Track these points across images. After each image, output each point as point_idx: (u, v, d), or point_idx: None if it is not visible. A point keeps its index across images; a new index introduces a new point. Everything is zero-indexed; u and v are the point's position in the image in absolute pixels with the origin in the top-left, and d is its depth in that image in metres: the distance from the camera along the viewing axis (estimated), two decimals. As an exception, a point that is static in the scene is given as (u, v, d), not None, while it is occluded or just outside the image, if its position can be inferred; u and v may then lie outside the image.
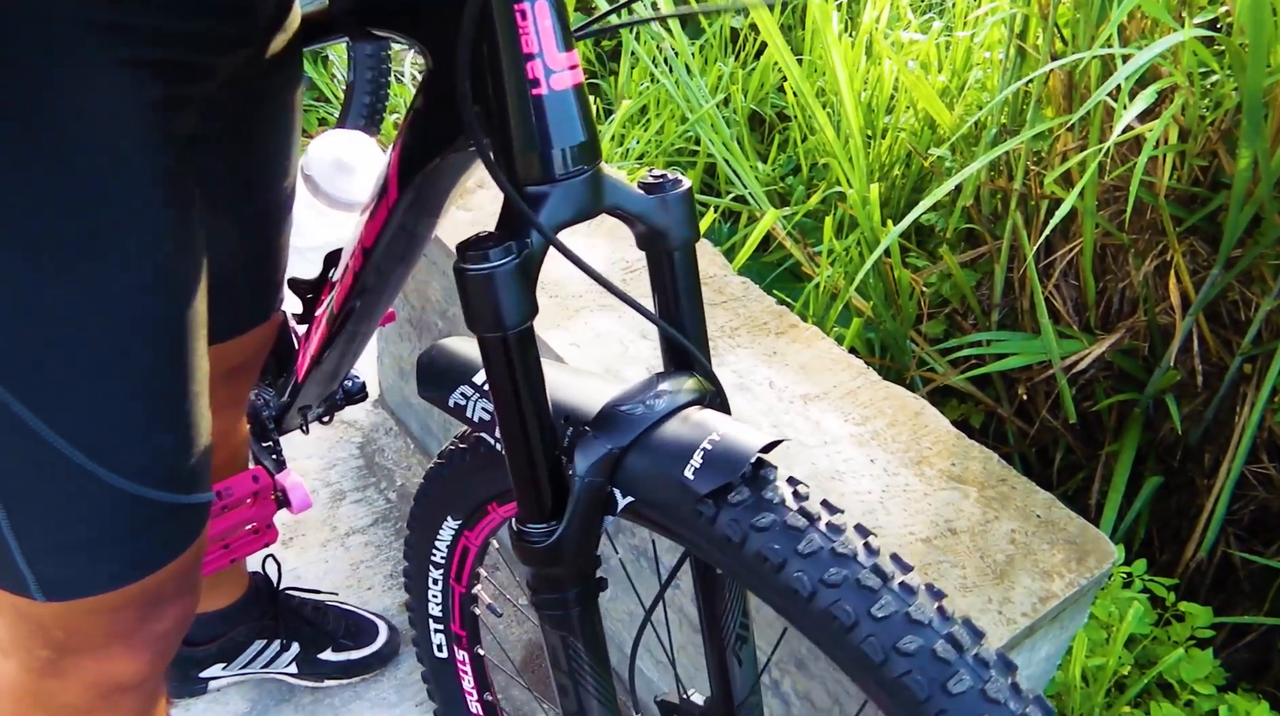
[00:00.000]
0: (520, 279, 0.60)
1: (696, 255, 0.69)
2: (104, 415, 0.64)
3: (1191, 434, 1.59)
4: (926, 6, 2.79)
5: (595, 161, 0.62)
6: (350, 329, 0.95)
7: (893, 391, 1.19)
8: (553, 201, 0.60)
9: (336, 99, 2.74)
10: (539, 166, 0.60)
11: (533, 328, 0.63)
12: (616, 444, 0.64)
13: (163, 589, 0.72)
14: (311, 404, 1.19)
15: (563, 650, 0.74)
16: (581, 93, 0.60)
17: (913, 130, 2.25)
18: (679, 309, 0.70)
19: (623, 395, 0.67)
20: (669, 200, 0.66)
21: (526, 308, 0.61)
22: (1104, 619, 1.33)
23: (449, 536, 0.95)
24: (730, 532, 0.59)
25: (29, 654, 0.73)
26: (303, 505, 1.16)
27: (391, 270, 0.87)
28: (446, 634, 1.04)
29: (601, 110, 2.61)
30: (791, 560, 0.57)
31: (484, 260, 0.59)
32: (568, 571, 0.70)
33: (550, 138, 0.59)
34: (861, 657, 0.55)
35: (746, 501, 0.60)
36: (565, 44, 0.58)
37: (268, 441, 1.24)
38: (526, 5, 0.56)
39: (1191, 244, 1.55)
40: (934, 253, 2.03)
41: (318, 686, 1.36)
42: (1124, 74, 1.29)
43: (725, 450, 0.60)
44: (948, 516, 1.03)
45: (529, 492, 0.67)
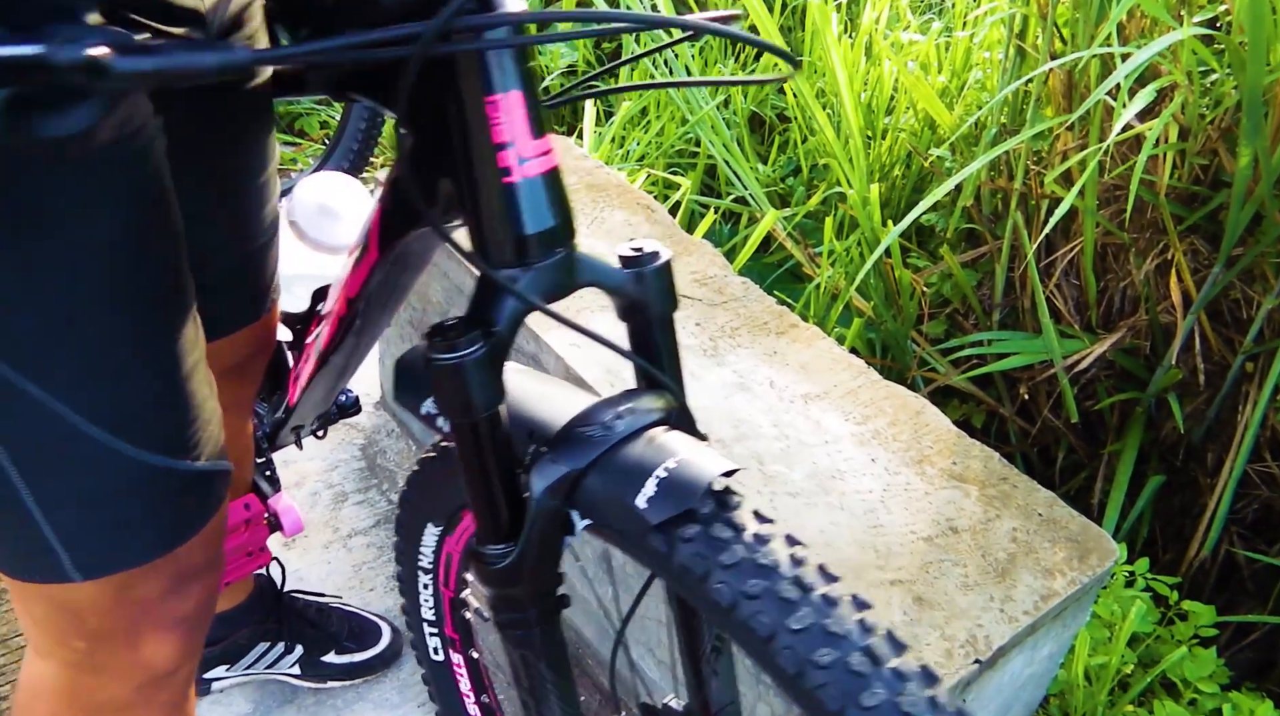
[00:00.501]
0: (489, 366, 0.61)
1: (674, 324, 0.70)
2: (114, 389, 0.66)
3: (1194, 432, 1.59)
4: (926, 7, 2.79)
5: (568, 243, 0.62)
6: (338, 362, 0.96)
7: (893, 390, 1.19)
8: (524, 284, 0.61)
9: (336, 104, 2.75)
10: (511, 251, 0.60)
11: (499, 411, 0.63)
12: (573, 466, 0.63)
13: (190, 562, 0.74)
14: (304, 423, 1.20)
15: (524, 669, 0.73)
16: (555, 178, 0.60)
17: (913, 130, 2.25)
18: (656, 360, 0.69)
19: (586, 413, 0.66)
20: (646, 275, 0.66)
21: (494, 393, 0.62)
22: (1107, 617, 1.32)
23: (433, 542, 0.95)
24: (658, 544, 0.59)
25: (66, 647, 0.75)
26: (294, 529, 1.18)
27: (376, 315, 0.88)
28: (441, 637, 1.05)
29: (602, 112, 2.61)
30: (714, 572, 0.57)
31: (452, 350, 0.59)
32: (527, 592, 0.69)
33: (522, 224, 0.60)
34: (779, 669, 0.55)
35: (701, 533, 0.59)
36: (538, 131, 0.59)
37: (261, 459, 1.24)
38: (499, 97, 0.57)
39: (1192, 242, 1.55)
40: (935, 253, 2.03)
41: (321, 688, 1.36)
42: (1123, 72, 1.29)
43: (679, 479, 0.60)
44: (949, 515, 1.03)
45: (485, 514, 0.67)
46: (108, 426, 0.66)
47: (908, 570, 0.97)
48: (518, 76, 0.57)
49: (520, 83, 0.58)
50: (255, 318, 0.99)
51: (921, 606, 0.93)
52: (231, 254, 0.92)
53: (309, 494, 1.68)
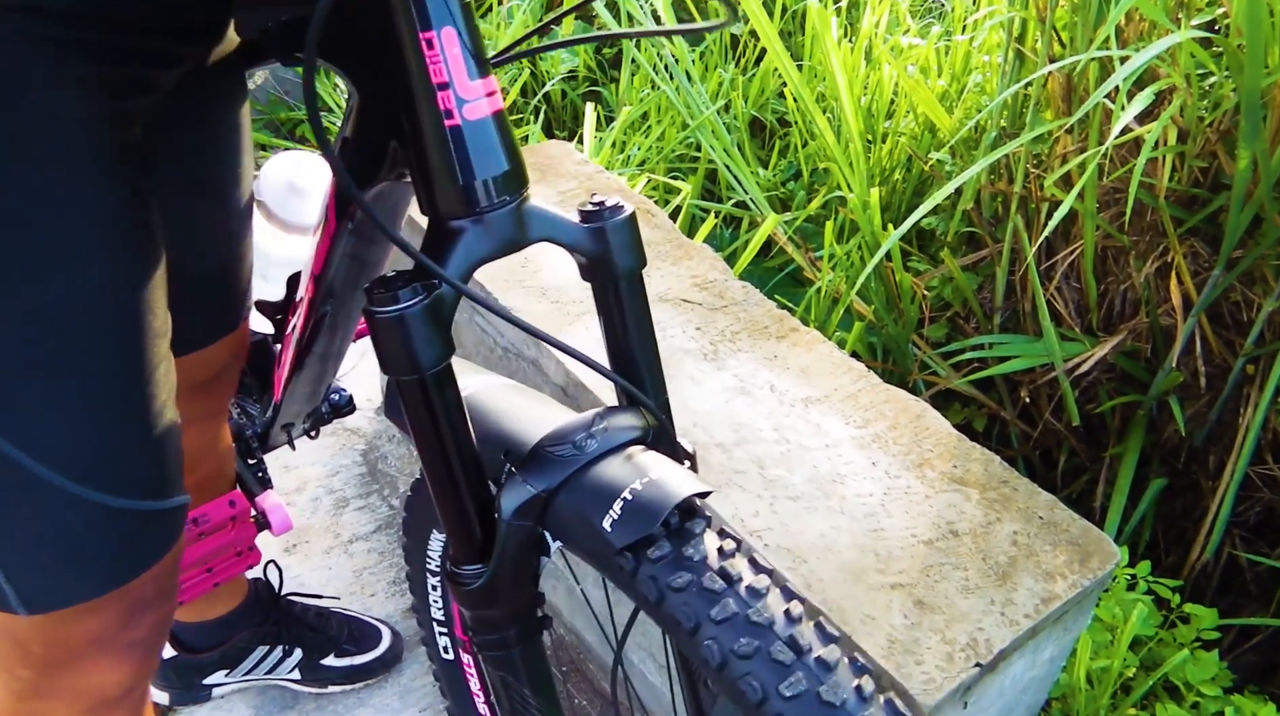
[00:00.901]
0: (432, 319, 0.58)
1: (643, 283, 0.66)
2: (72, 431, 0.64)
3: (1195, 435, 1.59)
4: (925, 11, 2.79)
5: (520, 192, 0.59)
6: (319, 349, 0.93)
7: (894, 394, 1.19)
8: (472, 236, 0.58)
9: (339, 108, 2.75)
10: (458, 200, 0.58)
11: (450, 367, 0.60)
12: (544, 487, 0.61)
13: (142, 594, 0.72)
14: (295, 421, 1.19)
15: (504, 691, 0.72)
16: (501, 120, 0.58)
17: (913, 134, 2.25)
18: (627, 340, 0.67)
19: (558, 431, 0.64)
20: (608, 229, 0.63)
21: (441, 348, 0.59)
22: (1108, 621, 1.32)
23: (439, 546, 0.95)
24: (647, 591, 0.57)
25: (11, 675, 0.73)
26: (283, 527, 1.16)
27: (347, 295, 0.85)
28: (450, 637, 1.05)
29: (603, 117, 2.61)
30: (705, 626, 0.54)
31: (393, 302, 0.57)
32: (504, 612, 0.67)
33: (471, 169, 0.57)
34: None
35: (666, 557, 0.57)
36: (480, 71, 0.56)
37: (252, 459, 1.23)
38: (434, 34, 0.55)
39: (1192, 245, 1.55)
40: (935, 256, 2.03)
41: (321, 692, 1.36)
42: (1122, 75, 1.29)
43: (646, 500, 0.58)
44: (949, 518, 1.03)
45: (457, 533, 0.65)
46: (67, 473, 0.64)
47: (908, 573, 0.97)
48: (452, 12, 0.55)
49: (456, 19, 0.55)
50: (232, 327, 0.98)
51: (922, 610, 0.93)
52: (209, 265, 0.91)
53: (310, 499, 1.68)
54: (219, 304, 0.96)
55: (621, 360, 0.67)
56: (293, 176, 1.11)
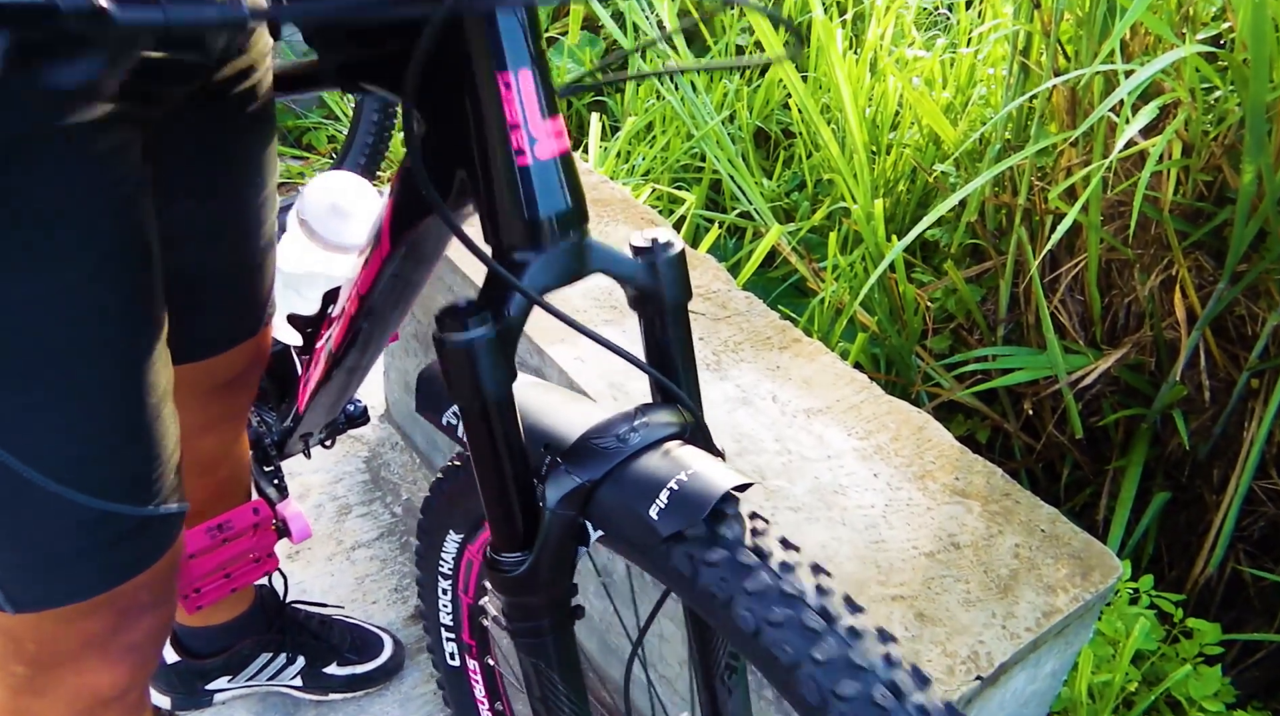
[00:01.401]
0: (499, 348, 0.60)
1: (688, 314, 0.69)
2: (60, 434, 0.64)
3: (1199, 449, 1.59)
4: (931, 24, 2.80)
5: (581, 227, 0.62)
6: (350, 363, 0.96)
7: (896, 405, 1.19)
8: (536, 268, 0.61)
9: (345, 116, 2.76)
10: (523, 234, 0.60)
11: (511, 393, 0.63)
12: (588, 477, 0.63)
13: (136, 598, 0.72)
14: (313, 431, 1.20)
15: (536, 677, 0.74)
16: (567, 160, 0.60)
17: (917, 146, 2.26)
18: (670, 361, 0.69)
19: (601, 425, 0.66)
20: (659, 264, 0.66)
21: (504, 374, 0.61)
22: (1111, 635, 1.32)
23: (454, 549, 0.96)
24: (683, 567, 0.59)
25: (5, 671, 0.73)
26: (302, 535, 1.17)
27: (387, 314, 0.88)
28: (458, 643, 1.05)
29: (608, 127, 2.62)
30: (738, 597, 0.57)
31: (462, 329, 0.59)
32: (541, 600, 0.69)
33: (535, 206, 0.59)
34: (801, 699, 0.54)
35: (702, 536, 0.59)
36: (549, 111, 0.59)
37: (270, 466, 1.24)
38: (510, 75, 0.57)
39: (1197, 258, 1.55)
40: (939, 268, 2.03)
41: (322, 700, 1.36)
42: (1126, 89, 1.30)
43: (692, 491, 0.60)
44: (951, 530, 1.03)
45: (500, 522, 0.67)
46: (56, 475, 0.64)
47: (909, 585, 0.97)
48: (529, 55, 0.57)
49: (532, 62, 0.57)
50: (251, 333, 0.99)
51: (923, 622, 0.93)
52: (229, 271, 0.91)
53: (313, 506, 1.68)
54: (237, 310, 0.96)
55: (660, 364, 0.70)
56: (335, 198, 1.14)
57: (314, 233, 1.13)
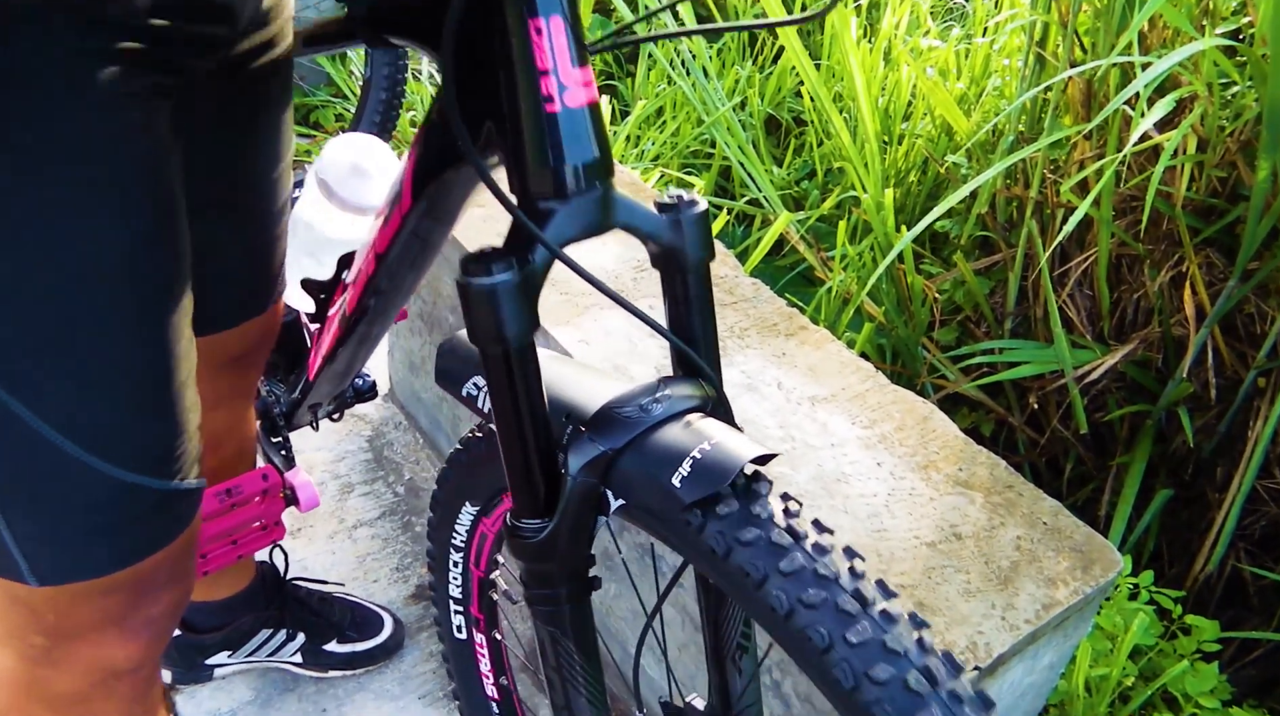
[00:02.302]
0: (522, 294, 0.60)
1: (710, 274, 0.69)
2: (92, 403, 0.64)
3: (1204, 447, 1.58)
4: (946, 13, 2.78)
5: (607, 179, 0.62)
6: (362, 330, 0.95)
7: (901, 395, 1.19)
8: (561, 217, 0.60)
9: (353, 94, 2.76)
10: (550, 182, 0.60)
11: (533, 341, 0.63)
12: (610, 445, 0.64)
13: (156, 574, 0.73)
14: (322, 401, 1.20)
15: (551, 646, 0.74)
16: (595, 110, 0.60)
17: (929, 136, 2.25)
18: (690, 324, 0.69)
19: (623, 396, 0.66)
20: (683, 220, 0.66)
21: (527, 322, 0.61)
22: (1109, 629, 1.32)
23: (468, 521, 0.96)
24: (715, 544, 0.59)
25: (23, 641, 0.74)
26: (310, 503, 1.17)
27: (404, 275, 0.87)
28: (466, 616, 1.05)
29: (618, 111, 2.61)
30: (772, 577, 0.57)
31: (486, 274, 0.59)
32: (560, 568, 0.69)
33: (562, 154, 0.59)
34: (834, 681, 0.54)
35: (734, 514, 0.59)
36: (579, 60, 0.58)
37: (278, 437, 1.24)
38: (542, 20, 0.57)
39: (1208, 255, 1.54)
40: (948, 259, 2.02)
41: (322, 677, 1.36)
42: (1143, 82, 1.29)
43: (715, 460, 0.60)
44: (953, 521, 1.02)
45: (522, 488, 0.67)
46: (86, 444, 0.64)
47: (910, 575, 0.97)
48: (561, 2, 0.57)
49: (564, 9, 0.57)
50: (263, 309, 0.99)
51: (923, 612, 0.93)
52: (243, 245, 0.91)
53: (316, 484, 1.68)
54: (249, 285, 0.96)
55: (682, 335, 0.70)
56: (357, 158, 1.13)
57: (333, 192, 1.12)
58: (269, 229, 0.92)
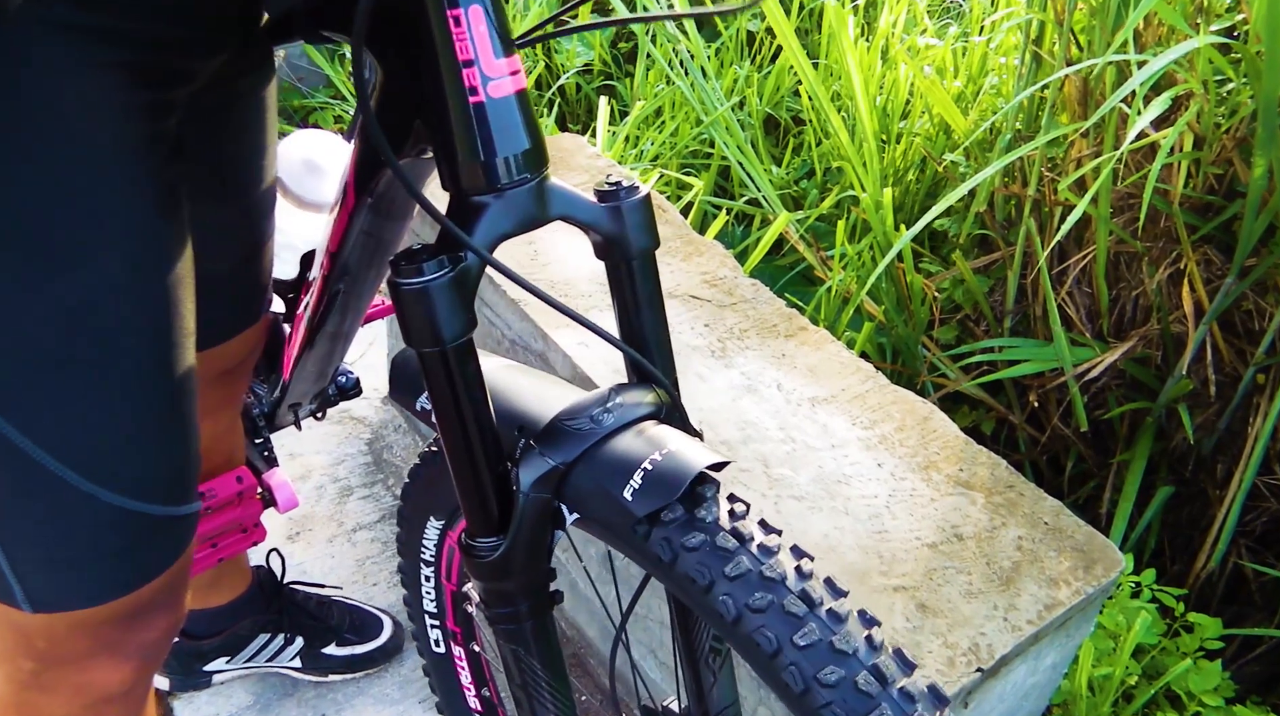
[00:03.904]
0: (456, 292, 0.58)
1: (656, 263, 0.68)
2: (94, 429, 0.63)
3: (1204, 444, 1.58)
4: (943, 12, 2.78)
5: (541, 170, 0.60)
6: (330, 329, 0.94)
7: (901, 395, 1.18)
8: (494, 212, 0.59)
9: (351, 96, 2.75)
10: (481, 176, 0.58)
11: (471, 341, 0.61)
12: (563, 459, 0.62)
13: (152, 600, 0.72)
14: (302, 401, 1.19)
15: (515, 664, 0.73)
16: (524, 99, 0.58)
17: (927, 135, 2.24)
18: (640, 320, 0.68)
19: (574, 406, 0.65)
20: (624, 208, 0.64)
21: (464, 321, 0.59)
22: (1112, 628, 1.32)
23: (434, 536, 0.95)
24: (661, 551, 0.58)
25: (13, 665, 0.73)
26: (289, 504, 1.15)
27: (362, 273, 0.86)
28: (442, 630, 1.04)
29: (617, 112, 2.61)
30: (719, 582, 0.56)
31: (418, 274, 0.57)
32: (518, 585, 0.68)
33: (492, 146, 0.58)
34: (784, 686, 0.54)
35: (679, 519, 0.58)
36: (504, 50, 0.57)
37: (259, 438, 1.23)
38: (461, 10, 0.55)
39: (1205, 252, 1.54)
40: (947, 258, 2.02)
41: (321, 681, 1.36)
42: (1139, 80, 1.29)
43: (666, 470, 0.59)
44: (954, 522, 1.02)
45: (474, 506, 0.66)
46: (88, 472, 0.63)
47: (911, 576, 0.96)
48: None
49: None
50: (254, 320, 0.98)
51: (925, 613, 0.93)
52: (231, 260, 0.90)
53: (314, 487, 1.68)
54: (241, 298, 0.95)
55: (633, 339, 0.68)
56: (310, 154, 1.10)
57: (288, 190, 1.09)
58: (259, 240, 0.92)
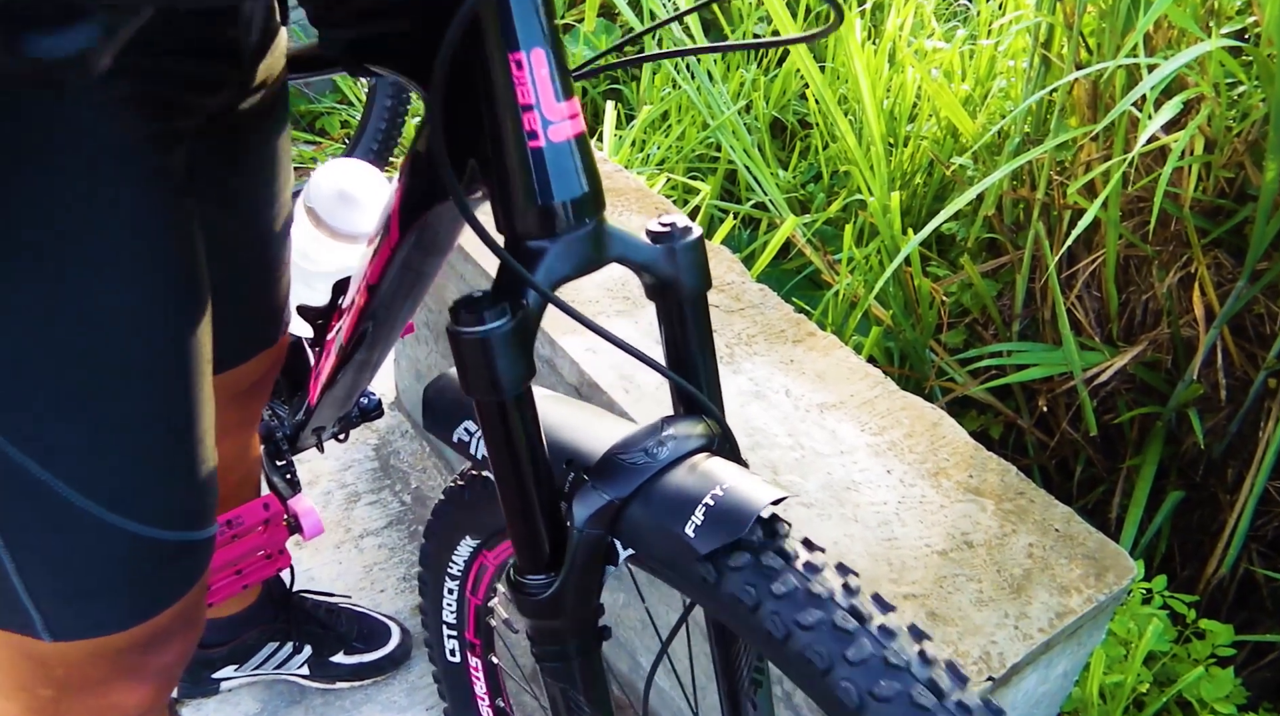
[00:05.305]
0: (517, 340, 0.58)
1: (708, 304, 0.67)
2: (115, 462, 0.63)
3: (1214, 448, 1.57)
4: (950, 15, 2.77)
5: (598, 214, 0.59)
6: (360, 358, 0.94)
7: (910, 401, 1.18)
8: (551, 257, 0.58)
9: (359, 101, 2.76)
10: (537, 221, 0.57)
11: (530, 389, 0.60)
12: (617, 495, 0.61)
13: (171, 625, 0.72)
14: (326, 425, 1.19)
15: (563, 701, 0.72)
16: (583, 143, 0.57)
17: (935, 138, 2.24)
18: (690, 359, 0.67)
19: (626, 440, 0.64)
20: (677, 250, 0.64)
21: (523, 369, 0.58)
22: (1123, 635, 1.31)
23: (467, 553, 0.94)
24: (706, 574, 0.57)
25: (30, 694, 0.72)
26: (314, 531, 1.16)
27: (398, 304, 0.85)
28: (460, 640, 1.04)
29: (623, 116, 2.61)
30: (766, 602, 0.55)
31: (479, 322, 0.56)
32: (568, 623, 0.67)
33: (550, 191, 0.57)
34: (838, 702, 0.53)
35: (747, 563, 0.57)
36: (564, 93, 0.56)
37: (282, 461, 1.23)
38: (523, 55, 0.54)
39: (1216, 256, 1.53)
40: (955, 262, 2.01)
41: (329, 688, 1.36)
42: (1149, 83, 1.28)
43: (729, 506, 0.58)
44: (964, 529, 1.02)
45: (526, 544, 0.65)
46: (108, 503, 0.63)
47: (921, 584, 0.96)
48: (543, 34, 0.55)
49: (546, 41, 0.55)
50: (272, 342, 0.98)
51: (935, 621, 0.92)
52: (251, 281, 0.90)
53: (322, 493, 1.68)
54: (257, 322, 0.95)
55: (682, 370, 0.68)
56: (345, 185, 1.11)
57: (321, 220, 1.11)
58: (275, 263, 0.91)
